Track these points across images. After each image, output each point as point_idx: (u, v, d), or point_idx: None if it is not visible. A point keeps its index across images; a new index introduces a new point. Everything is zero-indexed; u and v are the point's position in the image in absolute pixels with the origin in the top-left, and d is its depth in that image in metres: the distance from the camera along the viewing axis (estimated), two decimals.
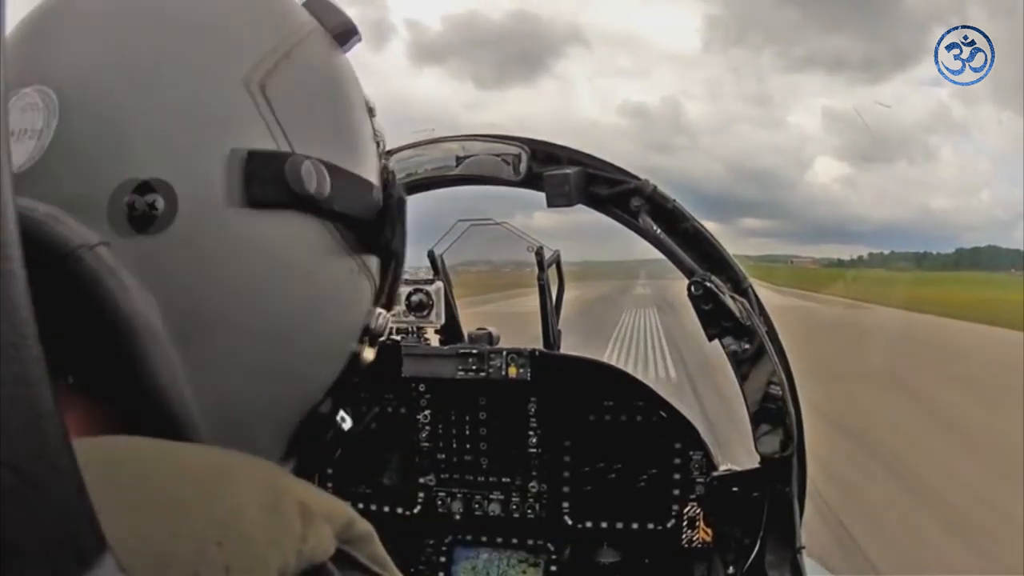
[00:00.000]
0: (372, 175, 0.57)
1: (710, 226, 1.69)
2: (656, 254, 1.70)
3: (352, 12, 0.60)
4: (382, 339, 0.59)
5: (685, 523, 1.81)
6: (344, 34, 0.58)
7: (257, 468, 0.44)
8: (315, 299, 0.52)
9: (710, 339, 1.62)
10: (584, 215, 1.75)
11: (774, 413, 1.60)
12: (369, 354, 0.57)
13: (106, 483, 0.37)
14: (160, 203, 0.45)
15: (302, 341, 0.52)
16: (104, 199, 0.45)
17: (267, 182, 0.48)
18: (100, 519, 0.34)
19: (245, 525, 0.39)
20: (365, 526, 0.46)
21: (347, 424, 0.57)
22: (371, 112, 0.59)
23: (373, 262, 0.56)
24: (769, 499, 1.68)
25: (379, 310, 0.58)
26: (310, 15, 0.56)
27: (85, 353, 0.44)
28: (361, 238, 0.54)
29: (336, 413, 0.56)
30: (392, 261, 0.58)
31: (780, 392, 1.58)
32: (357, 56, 0.60)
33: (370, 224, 0.54)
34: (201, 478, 0.41)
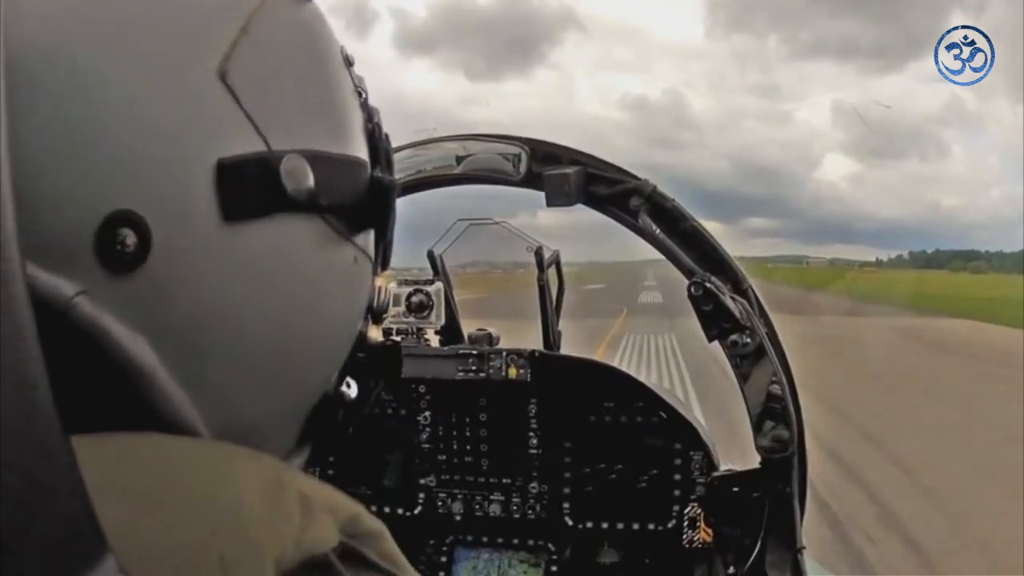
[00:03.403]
0: (357, 143, 0.51)
1: (714, 227, 1.69)
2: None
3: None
4: (383, 339, 0.57)
5: (685, 523, 1.81)
6: None
7: (259, 460, 0.42)
8: (319, 298, 0.48)
9: (710, 340, 1.62)
10: (588, 215, 1.74)
11: (774, 413, 1.60)
12: (374, 331, 0.55)
13: (108, 478, 0.36)
14: (131, 238, 0.40)
15: (311, 341, 0.49)
16: (69, 243, 0.39)
17: (245, 192, 0.42)
18: (101, 514, 0.33)
19: (243, 514, 0.37)
20: (375, 523, 0.44)
21: (353, 392, 0.54)
22: (348, 63, 0.53)
23: (369, 239, 0.53)
24: (769, 499, 1.68)
25: (379, 284, 0.55)
26: None
27: (87, 397, 0.41)
28: (356, 221, 0.50)
29: (340, 387, 0.53)
30: (387, 230, 0.54)
31: (780, 392, 1.59)
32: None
33: (363, 203, 0.50)
34: (202, 469, 0.39)
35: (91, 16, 0.41)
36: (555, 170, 1.68)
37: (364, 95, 0.53)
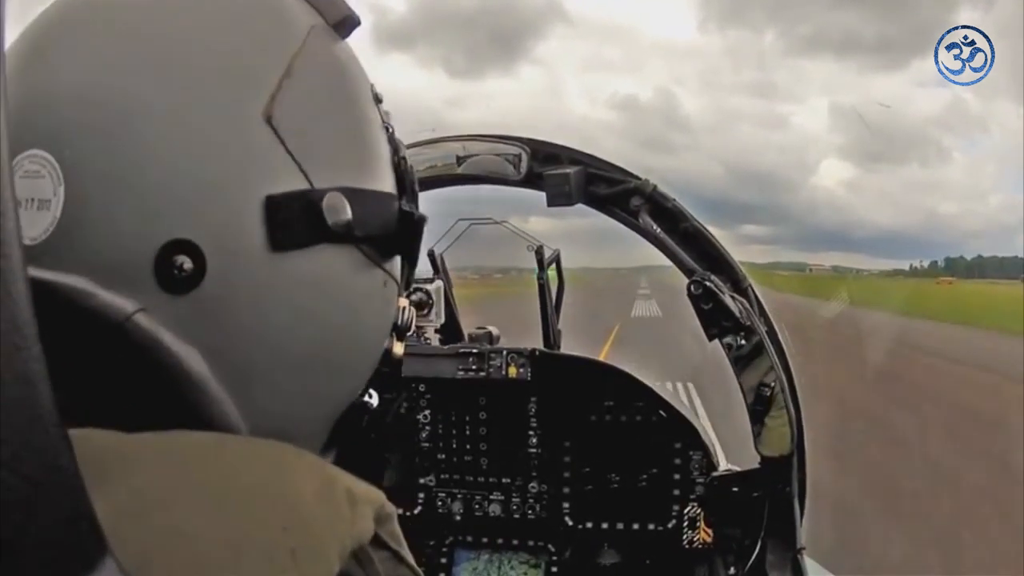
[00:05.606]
0: (386, 176, 0.55)
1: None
2: (659, 260, 1.70)
3: None
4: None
5: (685, 524, 1.81)
6: (344, 22, 0.54)
7: (306, 458, 0.46)
8: (352, 318, 0.53)
9: (710, 339, 1.62)
10: (582, 219, 1.74)
11: (757, 414, 1.60)
12: (398, 348, 0.59)
13: (180, 476, 0.40)
14: (188, 264, 0.45)
15: (344, 357, 0.53)
16: (130, 265, 0.45)
17: (290, 225, 0.47)
18: (177, 509, 0.38)
19: (305, 511, 0.41)
20: (391, 507, 0.48)
21: (374, 401, 0.58)
22: (377, 100, 0.56)
23: (396, 263, 0.57)
24: (769, 499, 1.68)
25: (403, 304, 0.59)
26: (303, 5, 0.52)
27: (144, 403, 0.45)
28: (386, 248, 0.54)
29: (364, 397, 0.58)
30: (415, 256, 0.59)
31: (780, 392, 1.59)
32: None
33: (393, 233, 0.54)
34: (262, 468, 0.43)
35: (146, 61, 0.46)
36: (555, 170, 1.68)
37: (391, 129, 0.57)
